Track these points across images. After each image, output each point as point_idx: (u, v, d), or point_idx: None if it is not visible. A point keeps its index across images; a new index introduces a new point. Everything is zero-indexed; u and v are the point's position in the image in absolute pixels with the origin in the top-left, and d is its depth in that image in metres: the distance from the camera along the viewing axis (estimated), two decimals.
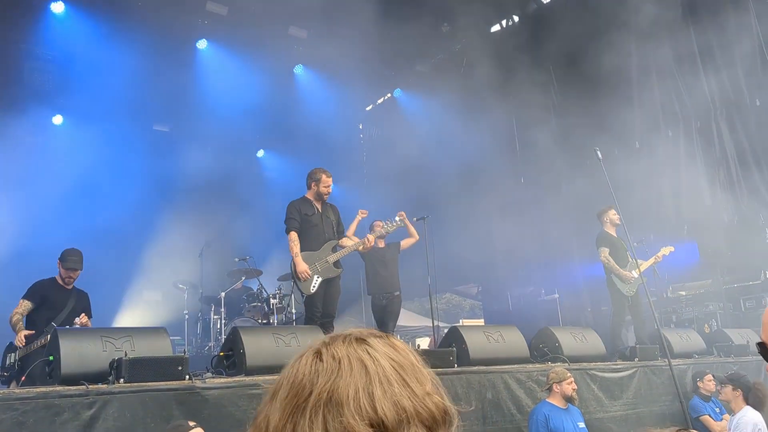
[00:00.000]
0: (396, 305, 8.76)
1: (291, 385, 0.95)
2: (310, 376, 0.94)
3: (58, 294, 6.59)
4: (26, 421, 3.95)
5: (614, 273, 8.72)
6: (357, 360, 0.94)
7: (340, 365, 0.93)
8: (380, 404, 0.89)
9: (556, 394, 6.03)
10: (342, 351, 0.96)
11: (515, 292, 13.81)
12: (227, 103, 12.50)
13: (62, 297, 6.58)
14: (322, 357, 0.96)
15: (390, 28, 12.11)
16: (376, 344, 0.99)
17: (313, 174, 7.42)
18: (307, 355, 0.99)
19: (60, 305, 6.52)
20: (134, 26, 10.87)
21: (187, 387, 4.65)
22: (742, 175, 10.82)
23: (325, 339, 1.01)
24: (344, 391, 0.90)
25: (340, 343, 0.98)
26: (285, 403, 0.93)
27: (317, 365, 0.95)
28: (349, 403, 0.89)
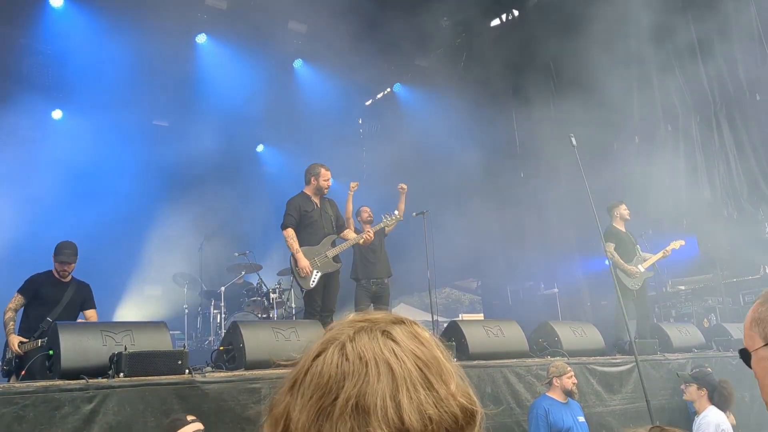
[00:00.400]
0: (388, 292, 8.49)
1: (316, 385, 0.93)
2: (336, 378, 0.92)
3: (53, 288, 6.43)
4: (26, 415, 3.96)
5: (619, 268, 8.71)
6: (384, 363, 0.92)
7: (367, 369, 0.92)
8: (407, 414, 0.88)
9: (556, 388, 6.04)
10: (368, 350, 0.94)
11: (514, 287, 13.83)
12: (227, 97, 12.49)
13: (56, 291, 6.43)
14: (347, 356, 0.94)
15: (389, 22, 12.09)
16: (401, 338, 0.97)
17: (311, 169, 7.42)
18: (332, 350, 0.96)
19: (54, 300, 6.37)
20: (133, 20, 10.85)
21: (187, 381, 4.66)
22: (741, 170, 10.81)
23: (350, 332, 0.98)
24: (372, 400, 0.88)
25: (366, 339, 0.96)
26: (310, 404, 0.92)
27: (343, 366, 0.93)
28: (376, 413, 0.88)
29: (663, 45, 11.46)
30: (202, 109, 12.80)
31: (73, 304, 6.50)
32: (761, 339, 1.61)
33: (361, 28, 12.60)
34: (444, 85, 14.17)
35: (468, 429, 0.93)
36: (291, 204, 7.25)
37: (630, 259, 8.80)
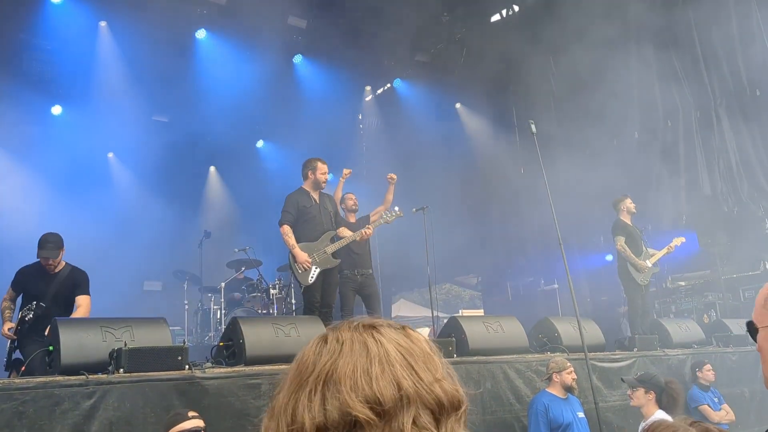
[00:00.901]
0: (374, 284, 8.25)
1: (298, 364, 0.98)
2: (314, 356, 0.97)
3: (39, 281, 6.21)
4: (26, 411, 3.96)
5: (630, 262, 8.68)
6: (360, 342, 0.96)
7: (342, 346, 0.96)
8: (377, 383, 0.90)
9: (556, 383, 6.05)
10: (346, 334, 0.99)
11: (515, 283, 13.83)
12: (226, 93, 12.46)
13: (43, 283, 6.19)
14: (327, 340, 0.99)
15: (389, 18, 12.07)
16: (386, 331, 1.00)
17: (308, 163, 7.41)
18: (314, 339, 1.02)
19: (41, 292, 6.15)
20: (133, 16, 10.83)
21: (187, 377, 4.66)
22: (741, 165, 10.81)
23: (333, 325, 1.04)
24: (342, 369, 0.92)
25: (346, 328, 1.01)
26: (290, 382, 0.96)
27: (321, 347, 0.98)
28: (346, 381, 0.90)
29: (663, 41, 11.45)
30: (201, 105, 12.77)
31: (64, 293, 6.26)
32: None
33: (361, 23, 12.58)
34: (444, 81, 14.15)
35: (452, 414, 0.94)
36: (289, 200, 7.24)
37: (638, 254, 8.78)
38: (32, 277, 6.25)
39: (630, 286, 8.81)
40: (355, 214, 8.43)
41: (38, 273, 6.24)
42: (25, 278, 6.24)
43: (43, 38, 11.13)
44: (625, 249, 8.69)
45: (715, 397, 7.53)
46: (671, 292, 11.28)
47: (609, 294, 12.30)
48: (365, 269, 8.10)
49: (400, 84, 14.98)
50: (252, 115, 13.81)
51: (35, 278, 6.23)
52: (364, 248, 8.10)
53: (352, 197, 8.46)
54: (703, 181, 11.10)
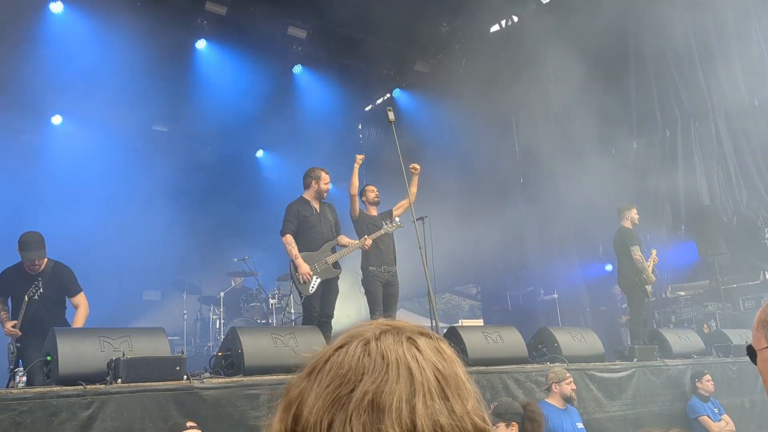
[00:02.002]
0: (397, 285, 7.92)
1: (335, 374, 0.94)
2: (356, 370, 0.93)
3: (22, 282, 6.05)
4: (23, 422, 3.94)
5: (644, 274, 8.66)
6: (405, 366, 0.93)
7: (387, 368, 0.92)
8: (420, 419, 0.88)
9: (555, 394, 6.03)
10: (391, 351, 0.95)
11: (514, 293, 13.81)
12: (226, 103, 12.50)
13: (26, 284, 6.02)
14: (370, 352, 0.95)
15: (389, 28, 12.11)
16: (424, 348, 0.98)
17: (311, 172, 7.39)
18: (355, 344, 0.97)
19: (22, 295, 5.96)
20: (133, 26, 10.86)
21: (185, 387, 4.64)
22: (740, 175, 10.82)
23: (376, 331, 0.99)
24: (388, 399, 0.89)
25: (391, 341, 0.97)
26: (327, 391, 0.92)
27: (364, 360, 0.94)
28: (391, 412, 0.88)
29: (662, 50, 11.49)
30: (201, 115, 12.81)
31: (52, 291, 6.13)
32: (766, 340, 1.67)
33: (361, 33, 12.63)
34: (443, 91, 14.19)
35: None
36: (290, 210, 7.23)
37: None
38: (17, 279, 6.10)
39: (638, 296, 8.77)
40: (377, 207, 8.07)
41: (21, 274, 6.10)
42: (8, 280, 6.12)
43: (44, 48, 11.17)
44: (643, 260, 8.68)
45: (715, 408, 7.52)
46: (671, 302, 11.27)
47: (608, 304, 12.29)
48: (391, 266, 7.82)
49: (400, 94, 15.02)
50: (252, 124, 13.85)
51: (20, 280, 6.08)
52: (390, 243, 7.85)
53: (374, 189, 8.09)
54: (702, 190, 11.11)
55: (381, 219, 7.84)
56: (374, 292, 7.60)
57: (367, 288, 7.65)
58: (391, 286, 7.76)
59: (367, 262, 7.67)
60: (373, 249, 7.50)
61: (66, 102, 11.86)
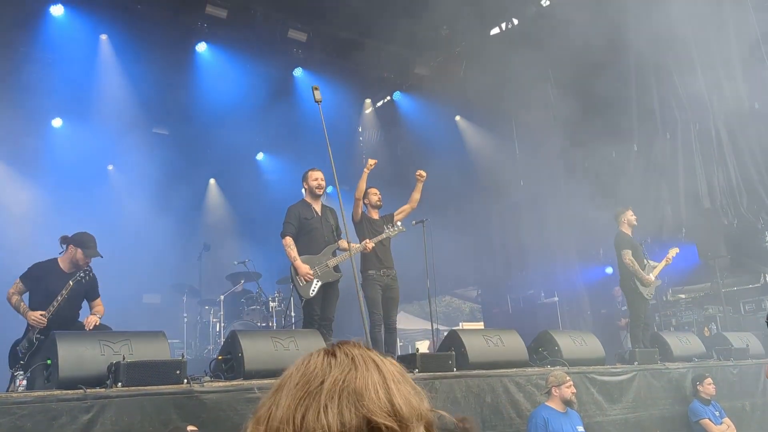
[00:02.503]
0: (398, 288, 7.84)
1: (302, 374, 0.99)
2: (323, 367, 0.99)
3: (55, 279, 6.20)
4: (24, 425, 3.94)
5: (636, 276, 8.66)
6: (370, 360, 1.01)
7: (354, 361, 0.99)
8: (396, 399, 0.96)
9: (555, 397, 6.02)
10: (355, 350, 1.03)
11: (515, 295, 13.81)
12: (226, 105, 12.50)
13: (59, 282, 6.14)
14: (335, 354, 1.02)
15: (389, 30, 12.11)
16: (378, 353, 1.06)
17: (304, 174, 7.44)
18: (318, 352, 1.04)
19: (56, 290, 6.09)
20: (134, 29, 10.87)
21: (186, 391, 4.64)
22: (741, 178, 10.82)
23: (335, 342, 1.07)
24: (361, 383, 0.95)
25: (351, 345, 1.05)
26: (295, 390, 0.97)
27: (330, 359, 1.00)
28: (368, 393, 0.94)
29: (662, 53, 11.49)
30: (201, 118, 12.81)
31: (77, 295, 6.29)
32: None
33: (361, 36, 12.63)
34: (444, 94, 14.19)
35: None
36: (290, 212, 7.23)
37: (642, 267, 8.78)
38: (50, 275, 6.27)
39: (635, 299, 8.78)
40: (379, 210, 8.05)
41: (55, 271, 6.30)
42: (41, 274, 6.25)
43: (44, 51, 11.17)
44: (633, 263, 8.67)
45: (716, 411, 7.51)
46: (671, 305, 11.27)
47: (608, 307, 12.29)
48: (391, 269, 7.79)
49: (400, 97, 15.02)
50: (252, 127, 13.84)
51: (53, 276, 6.25)
52: (388, 245, 7.83)
53: (376, 192, 8.06)
54: (702, 194, 11.11)
55: (383, 222, 7.84)
56: (373, 295, 7.58)
57: (366, 291, 7.61)
58: (392, 289, 7.73)
59: (367, 265, 7.66)
60: (373, 252, 7.51)
61: (66, 105, 11.86)
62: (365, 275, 7.66)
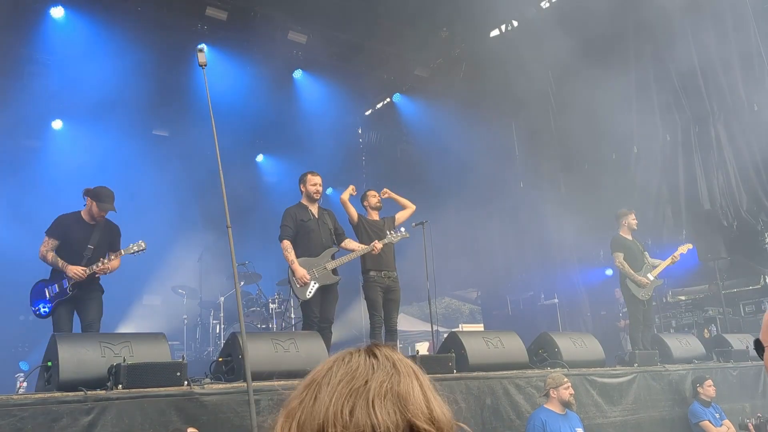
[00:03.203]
0: (399, 290, 7.80)
1: (345, 371, 1.03)
2: (366, 367, 1.03)
3: (81, 230, 6.47)
4: (24, 427, 3.94)
5: (629, 278, 8.68)
6: (408, 366, 1.06)
7: (395, 366, 1.04)
8: (434, 407, 1.02)
9: (554, 399, 6.03)
10: (394, 355, 1.08)
11: (514, 297, 13.81)
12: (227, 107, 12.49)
13: (84, 233, 6.46)
14: (376, 355, 1.06)
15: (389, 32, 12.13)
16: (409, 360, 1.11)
17: (301, 177, 7.45)
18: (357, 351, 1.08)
19: (83, 241, 6.43)
20: (134, 31, 10.88)
21: (186, 393, 4.64)
22: (740, 180, 10.83)
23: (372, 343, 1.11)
24: (405, 388, 1.01)
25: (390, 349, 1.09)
26: (340, 386, 1.00)
27: (372, 360, 1.05)
28: (412, 398, 1.00)
29: (661, 56, 11.50)
30: (201, 119, 12.80)
31: (103, 244, 6.55)
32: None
33: (361, 38, 12.65)
34: (443, 96, 14.21)
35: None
36: (287, 214, 7.23)
37: (639, 269, 8.77)
38: (74, 226, 6.49)
39: (631, 301, 8.80)
40: (379, 212, 8.05)
41: (78, 222, 6.52)
42: (65, 227, 6.47)
43: (44, 53, 11.19)
44: (624, 265, 8.69)
45: (716, 413, 7.51)
46: (671, 307, 11.27)
47: (608, 309, 12.29)
48: (391, 270, 7.77)
49: (400, 98, 15.03)
50: (252, 129, 13.86)
51: (77, 227, 6.48)
52: (390, 248, 7.82)
53: (375, 194, 8.09)
54: (702, 195, 11.11)
55: (383, 223, 7.85)
56: (374, 297, 7.57)
57: (367, 293, 7.63)
58: (392, 291, 7.72)
59: (367, 267, 7.65)
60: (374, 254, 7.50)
61: (67, 107, 11.87)
62: (366, 276, 7.66)
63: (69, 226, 6.48)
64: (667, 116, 11.65)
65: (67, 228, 6.46)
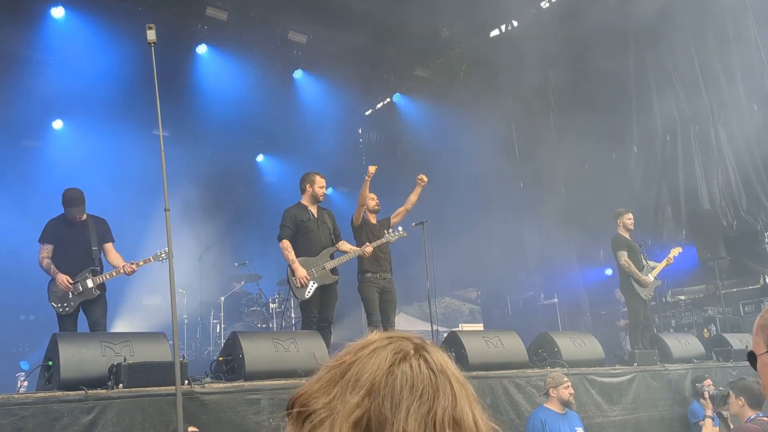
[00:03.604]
0: (394, 291, 7.83)
1: (410, 393, 1.01)
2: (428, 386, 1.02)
3: (75, 233, 6.62)
4: (25, 427, 3.95)
5: (634, 277, 8.67)
6: (459, 380, 1.06)
7: (451, 384, 1.04)
8: (480, 425, 1.04)
9: (553, 399, 6.03)
10: (447, 365, 1.07)
11: (514, 297, 13.83)
12: (227, 107, 12.51)
13: (81, 235, 6.63)
14: (433, 368, 1.05)
15: (389, 32, 12.13)
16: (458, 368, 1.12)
17: (306, 177, 7.41)
18: (416, 361, 1.05)
19: (76, 240, 6.59)
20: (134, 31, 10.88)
21: (186, 392, 4.65)
22: (740, 180, 10.84)
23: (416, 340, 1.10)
24: (461, 414, 1.02)
25: (440, 355, 1.09)
26: (412, 411, 0.99)
27: (431, 374, 1.04)
28: (467, 424, 1.02)
29: (661, 55, 11.51)
30: (202, 119, 12.82)
31: (94, 240, 6.71)
32: (765, 345, 1.69)
33: (361, 38, 12.65)
34: (443, 96, 14.21)
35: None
36: (286, 215, 7.23)
37: (639, 269, 8.78)
38: (65, 228, 6.63)
39: (633, 300, 8.79)
40: (377, 215, 8.06)
41: (69, 224, 6.67)
42: (56, 230, 6.62)
43: (45, 53, 11.18)
44: (629, 264, 8.67)
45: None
46: (671, 306, 11.28)
47: (608, 308, 12.30)
48: (387, 271, 7.78)
49: (400, 98, 15.03)
50: (252, 129, 13.85)
51: (69, 229, 6.64)
52: (387, 250, 7.85)
53: (374, 197, 8.06)
54: (702, 195, 11.13)
55: (380, 226, 7.86)
56: (371, 297, 7.59)
57: (363, 294, 7.65)
58: (388, 293, 7.73)
59: (364, 267, 7.68)
60: (371, 255, 7.52)
61: (67, 106, 11.86)
62: (362, 277, 7.69)
63: (60, 229, 6.59)
64: (667, 116, 11.66)
65: (59, 231, 6.58)
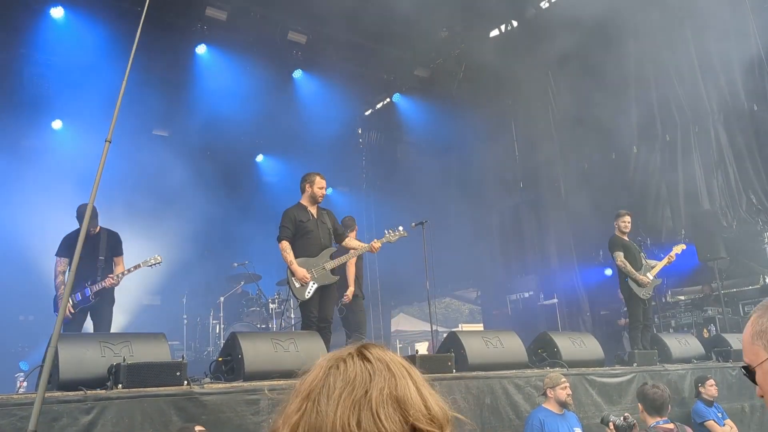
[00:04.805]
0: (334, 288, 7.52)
1: (344, 381, 1.03)
2: (363, 375, 1.03)
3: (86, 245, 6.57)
4: (24, 427, 3.94)
5: (630, 277, 8.67)
6: (401, 365, 1.07)
7: (390, 368, 1.05)
8: (430, 404, 1.03)
9: (551, 399, 6.02)
10: (385, 355, 1.08)
11: (514, 297, 13.82)
12: (226, 107, 12.50)
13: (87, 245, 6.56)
14: (369, 358, 1.06)
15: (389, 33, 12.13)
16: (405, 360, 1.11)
17: (306, 177, 7.40)
18: (349, 355, 1.08)
19: (91, 255, 6.86)
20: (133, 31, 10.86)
21: (186, 392, 4.64)
22: (740, 180, 10.84)
23: (358, 344, 1.11)
24: (402, 391, 1.02)
25: (379, 349, 1.10)
26: (342, 398, 1.01)
27: (367, 365, 1.05)
28: (410, 401, 1.01)
29: (661, 56, 11.51)
30: (202, 119, 12.81)
31: (103, 252, 7.04)
32: (766, 351, 1.55)
33: (361, 38, 12.65)
34: (443, 96, 14.21)
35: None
36: (286, 215, 7.22)
37: (637, 269, 8.78)
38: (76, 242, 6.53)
39: (631, 300, 8.79)
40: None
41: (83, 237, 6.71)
42: (73, 243, 6.76)
43: (44, 53, 11.18)
44: (626, 264, 8.68)
45: (719, 413, 7.51)
46: (671, 307, 11.28)
47: (608, 308, 12.30)
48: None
49: (400, 98, 15.03)
50: (252, 129, 13.85)
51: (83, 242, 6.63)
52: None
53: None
54: (702, 195, 11.13)
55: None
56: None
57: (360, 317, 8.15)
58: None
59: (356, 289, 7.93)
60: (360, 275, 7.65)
61: (66, 107, 11.86)
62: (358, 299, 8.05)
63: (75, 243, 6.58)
64: (667, 116, 11.66)
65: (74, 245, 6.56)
